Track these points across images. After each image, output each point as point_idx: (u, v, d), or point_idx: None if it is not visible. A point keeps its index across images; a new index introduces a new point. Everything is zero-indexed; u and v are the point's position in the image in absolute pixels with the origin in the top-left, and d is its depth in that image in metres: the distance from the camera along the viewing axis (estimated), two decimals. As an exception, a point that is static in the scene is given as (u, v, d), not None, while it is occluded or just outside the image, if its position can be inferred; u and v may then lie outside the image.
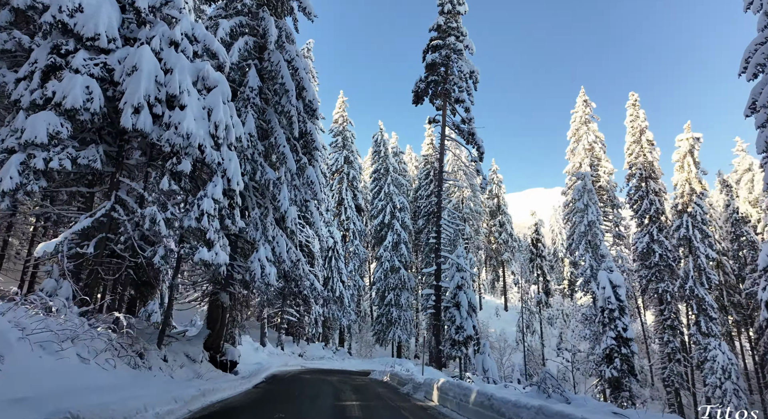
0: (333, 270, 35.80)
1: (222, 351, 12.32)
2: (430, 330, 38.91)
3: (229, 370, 11.96)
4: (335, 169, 41.04)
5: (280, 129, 12.03)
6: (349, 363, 31.11)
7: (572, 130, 35.19)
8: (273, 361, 20.12)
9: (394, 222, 39.47)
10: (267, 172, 12.23)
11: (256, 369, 14.75)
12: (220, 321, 12.24)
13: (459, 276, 18.14)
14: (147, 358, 8.14)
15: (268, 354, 23.09)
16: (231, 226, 9.61)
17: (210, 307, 12.65)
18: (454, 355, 17.82)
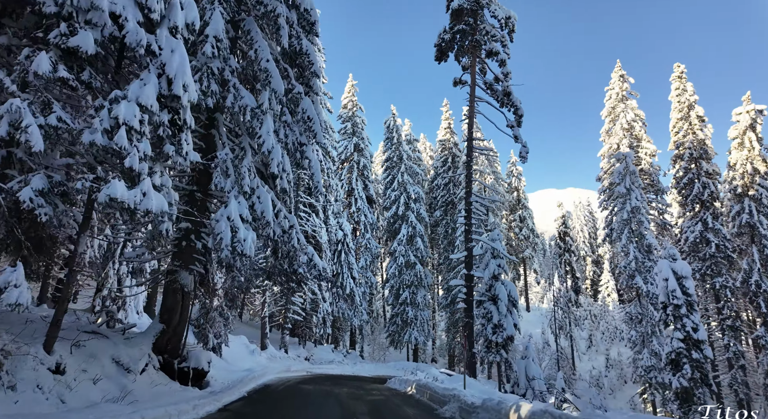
0: (343, 265, 32.72)
1: (182, 355, 9.12)
2: (450, 331, 35.55)
3: (193, 382, 8.80)
4: (344, 157, 38.04)
5: (262, 39, 8.72)
6: (362, 368, 27.94)
7: (607, 108, 31.59)
8: (272, 366, 17.11)
9: (408, 214, 36.28)
10: (242, 96, 8.72)
11: (241, 378, 11.62)
12: (180, 312, 9.06)
13: (495, 263, 14.97)
14: (15, 369, 5.06)
15: (268, 358, 20.08)
16: (177, 158, 6.41)
17: (165, 292, 9.33)
18: (491, 360, 14.57)
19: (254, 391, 10.63)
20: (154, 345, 8.27)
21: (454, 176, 36.48)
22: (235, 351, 15.09)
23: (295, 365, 21.96)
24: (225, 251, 7.59)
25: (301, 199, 25.42)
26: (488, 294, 14.70)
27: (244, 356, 15.95)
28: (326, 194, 28.32)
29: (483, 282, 15.25)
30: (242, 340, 17.57)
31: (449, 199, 36.17)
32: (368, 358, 39.57)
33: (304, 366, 22.53)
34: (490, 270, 15.02)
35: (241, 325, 29.20)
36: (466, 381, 15.82)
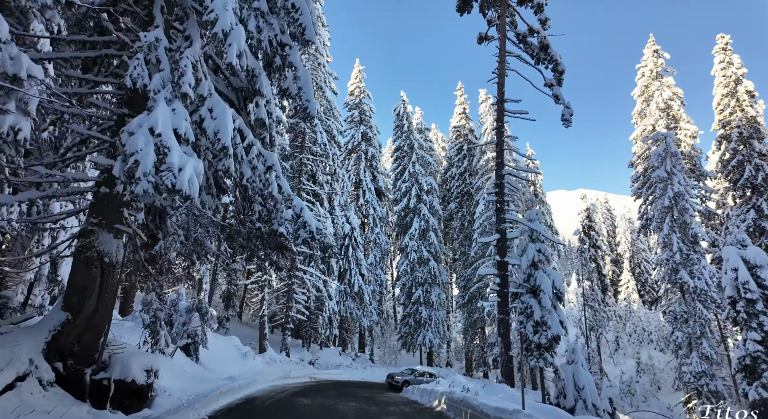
0: (351, 261, 30.21)
1: (101, 360, 6.27)
2: (468, 332, 32.76)
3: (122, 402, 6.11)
4: (351, 147, 35.58)
5: None
6: (372, 373, 25.33)
7: (639, 87, 28.72)
8: (268, 372, 14.66)
9: (420, 207, 33.69)
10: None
11: (212, 389, 8.96)
12: (98, 294, 6.15)
13: (534, 248, 12.33)
14: None
15: (266, 363, 17.61)
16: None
17: (74, 265, 6.32)
18: (534, 365, 11.89)
19: (225, 410, 7.95)
20: (51, 345, 5.51)
21: (470, 165, 33.78)
22: (220, 355, 12.66)
23: (297, 370, 19.45)
24: (143, 183, 4.88)
25: (303, 186, 23.01)
26: (527, 285, 12.08)
27: (233, 360, 13.51)
28: (331, 182, 25.88)
29: (520, 272, 12.64)
30: (233, 342, 15.13)
31: (465, 189, 33.49)
32: (378, 362, 36.93)
33: (307, 372, 20.02)
34: (529, 257, 12.40)
35: (240, 326, 26.86)
36: (492, 387, 13.00)
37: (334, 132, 26.55)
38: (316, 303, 24.33)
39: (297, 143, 23.79)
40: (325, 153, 24.28)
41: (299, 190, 22.89)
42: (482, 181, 30.48)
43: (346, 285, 29.85)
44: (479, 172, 31.16)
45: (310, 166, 23.83)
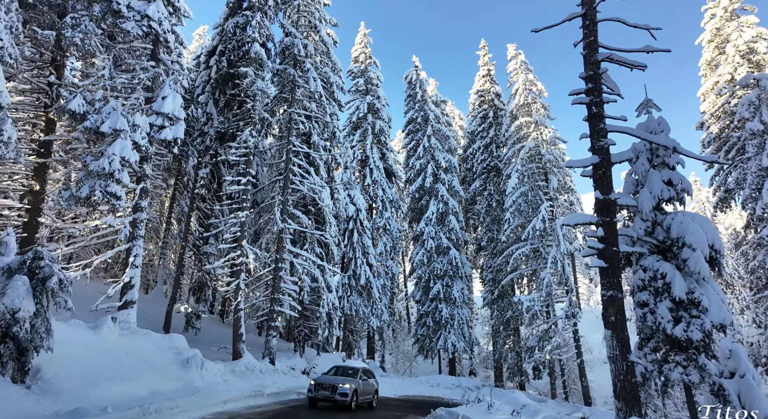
0: (356, 248, 25.16)
1: None
2: (499, 334, 27.26)
3: None
4: (356, 119, 30.70)
5: None
6: (383, 385, 20.09)
7: (709, 31, 23.43)
8: (222, 389, 9.71)
9: (438, 187, 28.58)
10: None
11: None
12: None
13: (661, 178, 7.20)
14: None
15: (235, 373, 12.62)
16: None
17: None
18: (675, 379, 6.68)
19: None
20: None
21: (496, 135, 28.59)
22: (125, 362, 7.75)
23: (283, 382, 14.35)
24: None
25: (293, 148, 18.10)
26: (651, 240, 6.99)
27: (158, 370, 8.56)
28: (330, 147, 20.92)
29: (639, 218, 7.57)
30: (170, 342, 10.11)
31: (491, 164, 28.27)
32: (391, 370, 31.61)
33: (296, 384, 14.91)
34: (654, 192, 7.28)
35: (219, 327, 21.91)
36: None
37: (333, 88, 21.71)
38: (312, 296, 19.27)
39: (285, 94, 18.94)
40: (320, 104, 19.37)
41: (287, 152, 17.99)
42: (513, 152, 25.27)
43: (350, 277, 24.77)
44: (509, 142, 25.98)
45: (303, 125, 18.94)
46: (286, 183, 17.72)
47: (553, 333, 22.49)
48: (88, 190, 8.72)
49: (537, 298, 21.87)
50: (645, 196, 7.66)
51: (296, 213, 18.02)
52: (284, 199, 17.44)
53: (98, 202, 8.80)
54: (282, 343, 22.38)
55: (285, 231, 17.31)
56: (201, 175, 17.64)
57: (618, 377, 7.27)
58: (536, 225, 22.56)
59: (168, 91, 10.60)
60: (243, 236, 15.88)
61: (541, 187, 24.14)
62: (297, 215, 18.14)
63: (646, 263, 7.27)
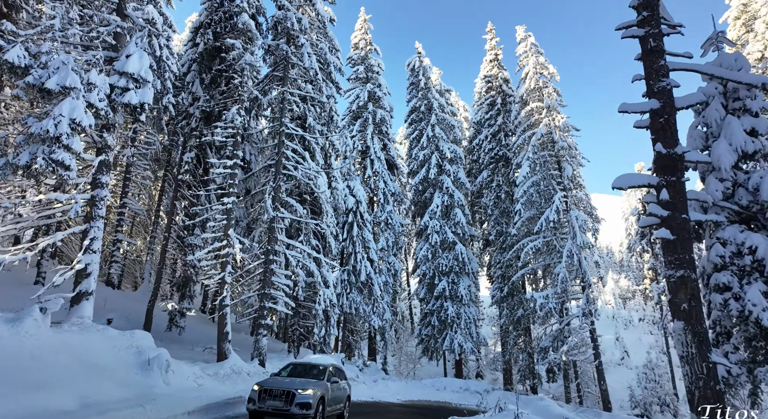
0: (356, 242, 23.61)
1: None
2: (509, 334, 25.56)
3: None
4: (356, 107, 29.22)
5: None
6: (386, 389, 18.54)
7: (735, 8, 21.75)
8: (191, 396, 8.18)
9: (442, 179, 27.01)
10: None
11: None
12: None
13: (740, 126, 5.72)
14: None
15: (218, 377, 11.10)
16: None
17: None
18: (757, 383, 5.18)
19: None
20: None
21: (505, 122, 26.97)
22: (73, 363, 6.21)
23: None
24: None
25: (286, 130, 16.58)
26: (732, 205, 5.50)
27: (107, 373, 7.02)
28: (326, 133, 19.41)
29: (713, 179, 6.00)
30: (128, 340, 8.51)
31: (499, 153, 26.66)
32: (393, 372, 30.00)
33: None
34: (735, 144, 5.70)
35: (208, 326, 20.38)
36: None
37: (330, 68, 20.19)
38: (307, 293, 17.71)
39: (278, 73, 17.44)
40: (315, 84, 17.86)
41: (280, 135, 16.46)
42: (524, 139, 23.67)
43: (350, 273, 23.21)
44: (519, 129, 24.40)
45: (297, 107, 17.42)
46: (279, 168, 16.21)
47: (569, 332, 20.85)
48: (29, 157, 7.22)
49: (551, 295, 20.24)
50: (722, 150, 6.05)
51: (290, 202, 16.49)
52: (276, 186, 15.91)
53: (41, 172, 7.30)
54: (276, 343, 20.84)
55: (277, 220, 15.78)
56: (186, 160, 16.14)
57: (695, 382, 5.62)
58: (549, 217, 20.95)
59: (134, 49, 9.13)
60: (229, 225, 14.36)
61: (554, 177, 22.53)
62: (291, 204, 16.61)
63: (725, 235, 5.71)
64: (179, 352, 14.84)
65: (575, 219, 20.82)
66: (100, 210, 9.10)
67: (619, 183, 6.10)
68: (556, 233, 21.91)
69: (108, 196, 9.35)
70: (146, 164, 23.16)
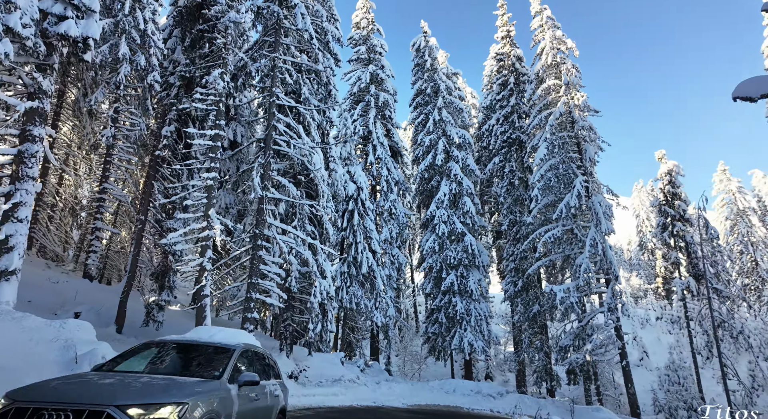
0: (356, 231, 21.75)
1: None
2: (523, 331, 23.56)
3: None
4: (357, 90, 27.38)
5: None
6: (390, 392, 16.64)
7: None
8: None
9: (450, 166, 25.09)
10: None
11: None
12: None
13: None
14: None
15: None
16: None
17: None
18: None
19: None
20: None
21: (518, 103, 24.99)
22: None
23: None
24: None
25: (278, 101, 14.74)
26: None
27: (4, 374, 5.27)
28: (324, 108, 17.55)
29: None
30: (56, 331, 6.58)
31: (513, 136, 24.69)
32: (397, 373, 28.09)
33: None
34: None
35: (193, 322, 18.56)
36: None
37: (328, 37, 18.33)
38: (302, 284, 15.86)
39: (269, 38, 15.59)
40: (311, 51, 16.00)
41: (270, 106, 14.61)
42: (540, 120, 21.70)
43: (350, 265, 21.35)
44: (534, 110, 22.42)
45: (290, 76, 15.57)
46: (269, 143, 14.36)
47: (591, 330, 18.88)
48: None
49: (572, 288, 18.29)
50: None
51: (281, 182, 14.65)
52: (266, 162, 14.07)
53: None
54: (269, 341, 19.00)
55: (266, 201, 13.94)
56: (164, 134, 14.34)
57: None
58: (570, 202, 19.00)
59: (76, -29, 7.37)
60: (210, 204, 12.53)
61: (573, 159, 20.56)
62: (282, 184, 14.78)
63: None
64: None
65: (598, 205, 18.85)
66: (31, 170, 7.30)
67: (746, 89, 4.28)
68: (576, 221, 19.95)
69: (41, 152, 7.54)
70: (130, 147, 21.41)
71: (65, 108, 23.42)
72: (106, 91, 19.50)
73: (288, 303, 15.54)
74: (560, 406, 17.40)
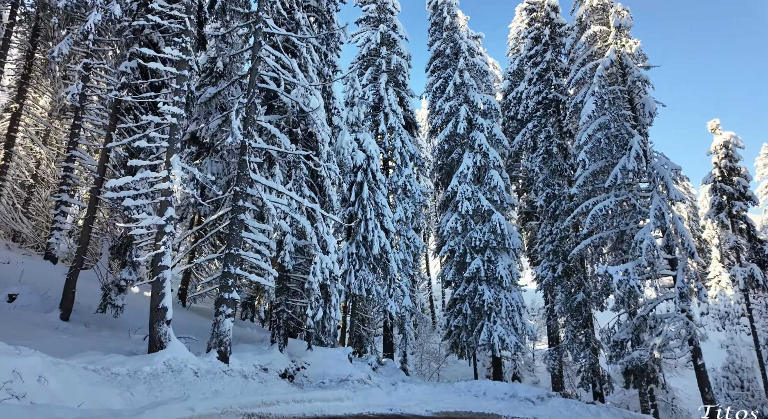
0: (366, 207, 18.58)
1: None
2: (563, 325, 20.12)
3: None
4: (366, 52, 24.23)
5: None
6: (409, 397, 13.38)
7: None
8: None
9: (474, 135, 21.75)
10: None
11: None
12: None
13: None
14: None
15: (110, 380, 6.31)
16: None
17: None
18: None
19: None
20: None
21: (555, 60, 21.51)
22: None
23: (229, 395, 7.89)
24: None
25: (265, 27, 11.65)
26: None
27: None
28: (325, 51, 14.37)
29: None
30: None
31: (549, 96, 21.20)
32: (414, 373, 24.84)
33: (258, 399, 8.39)
34: None
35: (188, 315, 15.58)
36: None
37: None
38: (298, 260, 12.75)
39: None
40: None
41: (256, 34, 11.49)
42: (584, 73, 18.19)
43: (359, 245, 18.19)
44: (577, 62, 18.95)
45: (281, 2, 12.45)
46: (253, 79, 11.27)
47: (654, 321, 15.40)
48: None
49: (632, 269, 14.82)
50: None
51: (269, 129, 11.55)
52: (249, 103, 10.97)
53: None
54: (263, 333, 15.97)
55: (249, 151, 10.84)
56: (123, 71, 11.35)
57: None
58: (627, 166, 15.51)
59: None
60: (172, 149, 9.49)
61: (626, 117, 17.05)
62: (271, 133, 11.67)
63: None
64: (104, 341, 10.06)
65: (663, 167, 15.35)
66: None
67: None
68: (632, 189, 16.47)
69: None
70: (105, 111, 18.57)
71: (35, 70, 20.82)
72: (71, 42, 16.65)
73: (282, 284, 12.44)
74: (623, 416, 13.98)
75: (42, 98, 21.18)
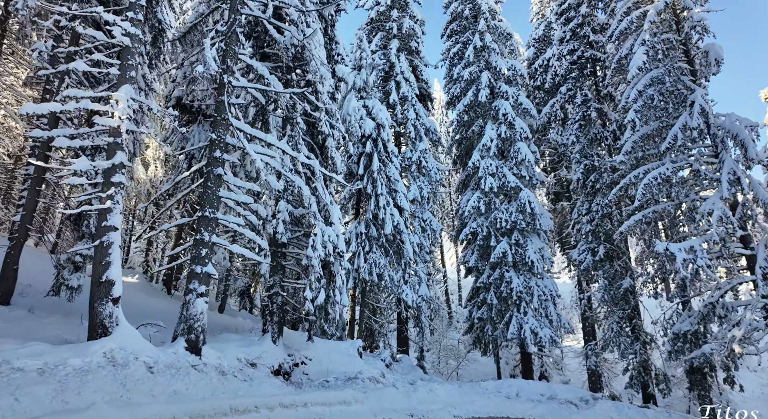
0: (377, 181, 16.23)
1: None
2: (606, 317, 17.51)
3: None
4: (375, 15, 21.89)
5: None
6: (431, 398, 10.98)
7: None
8: None
9: (498, 104, 19.23)
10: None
11: None
12: None
13: None
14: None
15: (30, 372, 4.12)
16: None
17: None
18: None
19: None
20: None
21: (589, 14, 18.84)
22: None
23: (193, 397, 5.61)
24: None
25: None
26: None
27: None
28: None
29: None
30: None
31: (586, 55, 18.54)
32: (432, 371, 22.44)
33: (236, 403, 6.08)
34: None
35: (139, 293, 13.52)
36: None
37: None
38: (295, 233, 10.48)
39: None
40: None
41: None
42: (630, 22, 15.50)
43: (369, 224, 15.86)
44: (620, 10, 16.25)
45: None
46: (234, 1, 8.99)
47: (725, 310, 12.78)
48: None
49: (698, 246, 12.21)
50: None
51: (256, 67, 9.27)
52: (229, 31, 8.69)
53: None
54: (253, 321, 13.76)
55: (228, 91, 8.58)
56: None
57: None
58: (690, 123, 12.87)
59: None
60: (124, 77, 7.28)
61: (684, 71, 14.38)
62: (260, 73, 9.39)
63: None
64: (42, 329, 7.91)
65: (735, 124, 12.68)
66: None
67: None
68: (692, 153, 13.83)
69: None
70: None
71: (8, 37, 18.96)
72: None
73: (276, 261, 10.17)
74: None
75: (17, 67, 19.33)
